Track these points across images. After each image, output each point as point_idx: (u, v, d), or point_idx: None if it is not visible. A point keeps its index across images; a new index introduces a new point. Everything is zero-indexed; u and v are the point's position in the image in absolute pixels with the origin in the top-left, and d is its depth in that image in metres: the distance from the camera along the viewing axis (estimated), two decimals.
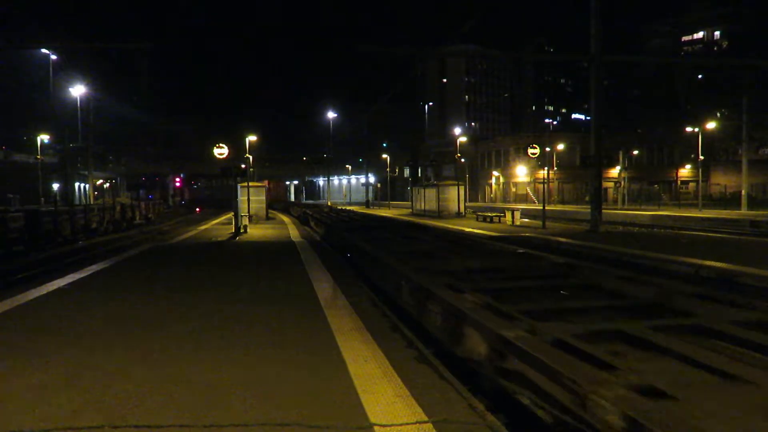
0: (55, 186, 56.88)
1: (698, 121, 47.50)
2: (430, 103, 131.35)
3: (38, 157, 45.99)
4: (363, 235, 15.06)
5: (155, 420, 3.84)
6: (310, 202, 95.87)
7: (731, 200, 49.26)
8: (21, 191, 46.67)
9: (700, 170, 45.68)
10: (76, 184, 69.22)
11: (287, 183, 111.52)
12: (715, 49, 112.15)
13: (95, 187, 58.50)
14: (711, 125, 50.19)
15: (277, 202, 68.63)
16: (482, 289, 6.48)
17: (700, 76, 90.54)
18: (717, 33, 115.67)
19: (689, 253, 13.00)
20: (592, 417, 3.07)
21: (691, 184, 68.71)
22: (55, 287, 9.65)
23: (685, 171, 70.95)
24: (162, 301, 8.33)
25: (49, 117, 48.96)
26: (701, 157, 44.73)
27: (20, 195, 44.75)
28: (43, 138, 48.39)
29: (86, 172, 54.27)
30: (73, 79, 43.73)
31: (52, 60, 41.50)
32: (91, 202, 40.29)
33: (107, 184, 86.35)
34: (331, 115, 73.37)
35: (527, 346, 4.05)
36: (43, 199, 42.52)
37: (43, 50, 40.61)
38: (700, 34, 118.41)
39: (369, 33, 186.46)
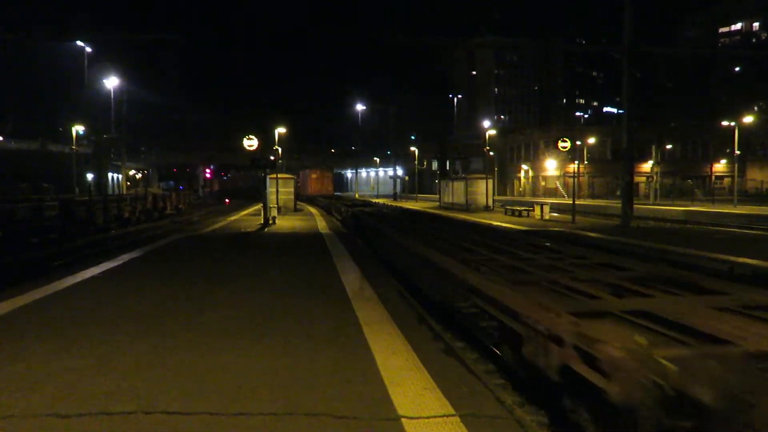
0: (89, 176, 58.06)
1: (734, 115, 46.39)
2: (459, 96, 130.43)
3: (73, 147, 46.94)
4: None
5: (186, 407, 3.90)
6: (338, 194, 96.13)
7: None
8: (56, 181, 47.71)
9: (736, 165, 44.60)
10: (110, 175, 70.50)
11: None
12: (754, 40, 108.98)
13: (128, 178, 59.58)
14: (748, 119, 48.97)
15: (321, 196, 54.52)
16: None
17: (737, 69, 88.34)
18: (756, 24, 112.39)
19: (723, 249, 12.72)
20: None
21: (726, 180, 67.11)
22: (89, 275, 9.86)
23: (720, 166, 69.32)
24: (193, 290, 8.44)
25: (83, 108, 50.02)
26: (737, 152, 43.67)
27: (55, 185, 45.75)
28: (78, 129, 49.31)
29: (119, 163, 55.33)
30: (107, 71, 44.51)
31: (87, 52, 42.30)
32: (124, 192, 41.02)
33: (139, 175, 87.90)
34: (359, 107, 73.46)
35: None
36: (77, 188, 43.44)
37: (78, 42, 41.41)
38: (738, 26, 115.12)
39: (398, 26, 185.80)
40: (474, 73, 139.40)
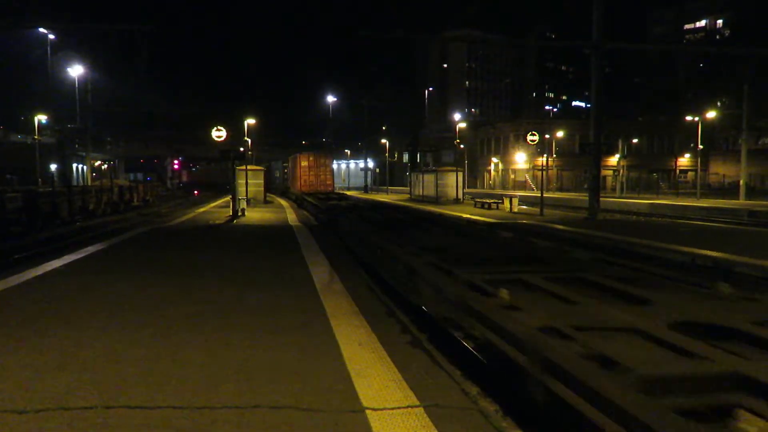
0: (53, 167, 56.72)
1: (699, 110, 47.41)
2: (431, 89, 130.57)
3: (36, 137, 45.79)
4: None
5: (148, 401, 3.86)
6: None
7: (730, 190, 49.26)
8: (19, 172, 46.56)
9: (699, 159, 45.67)
10: (74, 166, 68.98)
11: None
12: (718, 37, 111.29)
13: (93, 169, 58.38)
14: (711, 114, 50.08)
15: (317, 193, 37.11)
16: None
17: (701, 65, 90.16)
18: (719, 21, 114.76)
19: (686, 242, 13.03)
20: None
21: (690, 173, 68.64)
22: (51, 268, 9.65)
23: (685, 160, 70.79)
24: (158, 283, 8.33)
25: (47, 97, 48.69)
26: (700, 146, 44.67)
27: (18, 176, 44.64)
28: (41, 118, 48.06)
29: (84, 154, 54.13)
30: (71, 60, 43.42)
31: (50, 40, 41.16)
32: (89, 184, 40.20)
33: (105, 166, 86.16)
34: (330, 99, 73.01)
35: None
36: (40, 180, 42.41)
37: (41, 29, 40.24)
38: (703, 23, 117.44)
39: (370, 17, 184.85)
40: (445, 66, 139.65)
